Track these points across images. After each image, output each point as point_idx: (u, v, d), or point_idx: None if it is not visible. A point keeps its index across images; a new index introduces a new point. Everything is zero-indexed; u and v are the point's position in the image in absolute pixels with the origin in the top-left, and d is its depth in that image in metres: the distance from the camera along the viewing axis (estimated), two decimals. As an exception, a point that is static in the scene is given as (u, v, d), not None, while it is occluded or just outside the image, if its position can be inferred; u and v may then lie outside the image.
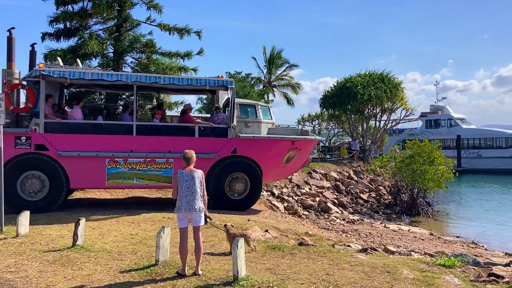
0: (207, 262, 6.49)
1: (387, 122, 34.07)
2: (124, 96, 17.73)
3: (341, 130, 39.06)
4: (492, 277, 6.24)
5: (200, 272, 5.85)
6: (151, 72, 16.79)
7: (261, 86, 39.05)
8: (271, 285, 5.48)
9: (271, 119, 13.52)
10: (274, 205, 15.69)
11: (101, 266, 6.25)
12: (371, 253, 7.63)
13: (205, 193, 5.99)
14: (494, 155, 44.55)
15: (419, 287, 5.59)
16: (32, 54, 12.14)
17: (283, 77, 40.70)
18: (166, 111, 15.18)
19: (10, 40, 11.17)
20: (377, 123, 34.30)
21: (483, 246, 14.08)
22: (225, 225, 7.37)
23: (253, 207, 12.80)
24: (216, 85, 11.66)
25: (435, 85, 56.59)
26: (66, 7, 16.83)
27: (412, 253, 9.59)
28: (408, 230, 15.51)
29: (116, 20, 17.68)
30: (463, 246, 13.64)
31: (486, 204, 24.66)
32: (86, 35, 16.70)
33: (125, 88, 12.99)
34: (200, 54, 18.32)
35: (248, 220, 10.35)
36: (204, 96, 29.29)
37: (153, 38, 17.87)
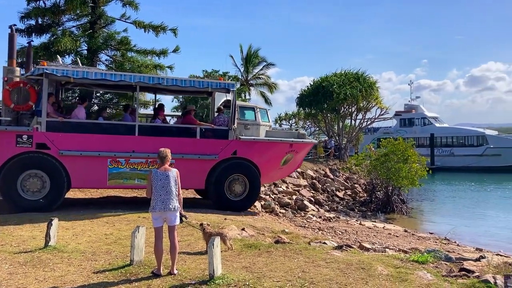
0: (183, 262, 6.45)
1: (362, 121, 34.50)
2: (98, 94, 17.46)
3: (317, 129, 39.36)
4: (463, 272, 6.40)
5: (175, 271, 5.81)
6: (126, 70, 16.58)
7: (238, 85, 39.01)
8: (247, 283, 5.48)
9: (269, 121, 13.63)
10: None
11: (74, 267, 6.13)
12: (347, 250, 7.72)
13: (181, 192, 5.95)
14: (466, 153, 45.64)
15: (393, 283, 5.67)
16: (29, 50, 11.89)
17: (260, 76, 40.75)
18: (141, 109, 15.06)
19: (11, 37, 11.00)
20: (353, 122, 34.70)
21: (455, 242, 14.40)
22: (201, 224, 7.33)
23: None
24: (218, 87, 11.81)
25: (409, 84, 57.44)
26: (38, 2, 16.48)
27: (387, 249, 9.74)
28: (383, 227, 15.73)
29: (90, 17, 17.40)
30: (436, 242, 13.91)
31: (458, 201, 25.24)
32: (59, 32, 16.38)
33: (127, 88, 12.92)
34: (176, 52, 18.20)
35: (225, 218, 10.33)
36: (180, 96, 29.11)
37: (128, 36, 17.68)
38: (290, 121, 38.95)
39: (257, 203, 15.97)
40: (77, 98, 13.95)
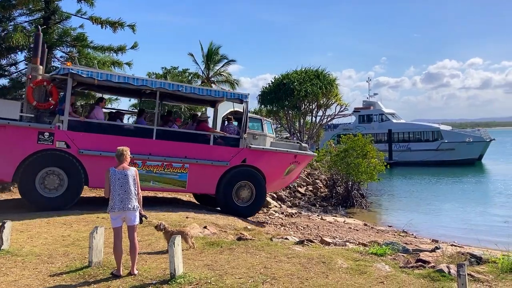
0: (144, 262, 6.35)
1: (322, 118, 35.04)
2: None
3: (279, 126, 39.65)
4: (420, 263, 6.62)
5: (135, 272, 5.72)
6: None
7: (199, 82, 38.72)
8: (209, 281, 5.47)
9: (273, 133, 14.28)
10: (213, 201, 15.62)
11: (29, 270, 5.91)
12: (308, 245, 7.83)
13: (140, 191, 5.84)
14: (422, 148, 47.21)
15: (353, 276, 5.80)
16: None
17: (221, 73, 40.61)
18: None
19: (37, 36, 11.17)
20: (313, 119, 35.17)
21: (412, 234, 14.87)
22: (160, 224, 7.12)
23: (194, 204, 12.73)
24: (232, 97, 12.31)
25: (367, 81, 58.77)
26: (-14, -4, 15.73)
27: (347, 243, 9.95)
28: (344, 222, 16.04)
29: (43, 12, 16.77)
30: (394, 235, 14.31)
31: (415, 195, 26.06)
32: (10, 27, 15.71)
33: (134, 94, 13.35)
34: (134, 49, 17.80)
35: (187, 217, 10.24)
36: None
37: (84, 32, 17.15)
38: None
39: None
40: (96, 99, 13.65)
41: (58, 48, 17.13)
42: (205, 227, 9.09)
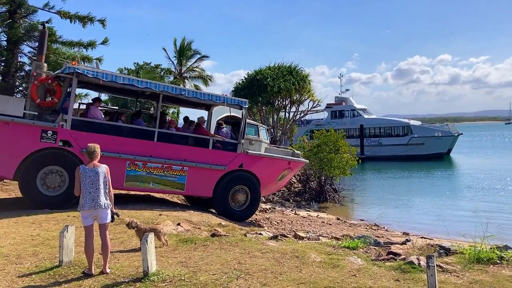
0: (116, 260, 6.26)
1: (296, 114, 35.21)
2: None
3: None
4: (391, 255, 6.75)
5: (108, 270, 5.63)
6: (50, 62, 15.74)
7: (172, 78, 38.35)
8: (183, 278, 5.44)
9: (267, 139, 14.66)
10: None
11: (-4, 272, 5.76)
12: (282, 240, 7.88)
13: (111, 188, 5.75)
14: (393, 143, 48.09)
15: (326, 269, 5.87)
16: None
17: (194, 68, 40.32)
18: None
19: (42, 34, 11.26)
20: (287, 115, 35.32)
21: (384, 227, 15.17)
22: (131, 222, 6.99)
23: (167, 201, 12.64)
24: (232, 103, 12.46)
25: (339, 77, 59.35)
26: None
27: (320, 237, 10.05)
28: (317, 216, 16.23)
29: (9, 6, 16.27)
30: (366, 228, 14.56)
31: (387, 189, 26.56)
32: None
33: (132, 94, 13.50)
34: (104, 44, 17.50)
35: (160, 214, 10.14)
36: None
37: (52, 26, 16.74)
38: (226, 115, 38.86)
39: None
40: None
41: (25, 43, 16.68)
42: (178, 224, 9.04)
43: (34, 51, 17.02)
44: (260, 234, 8.89)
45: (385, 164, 42.62)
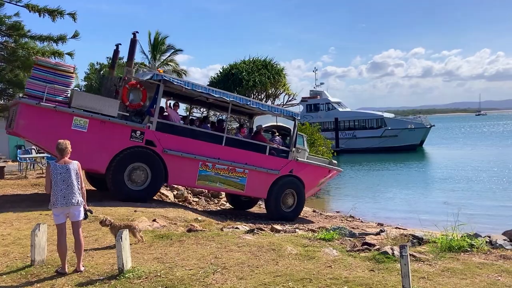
0: (90, 258, 6.17)
1: (271, 107, 35.21)
2: None
3: (229, 116, 39.48)
4: (365, 246, 6.86)
5: (82, 268, 5.54)
6: (20, 57, 15.34)
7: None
8: (159, 274, 5.40)
9: (308, 148, 16.68)
10: (163, 193, 15.40)
11: (-35, 273, 5.59)
12: (258, 233, 7.89)
13: (84, 185, 5.64)
14: (367, 135, 48.76)
15: (302, 261, 5.92)
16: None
17: (168, 62, 39.93)
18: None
19: (133, 42, 12.16)
20: (263, 108, 35.30)
21: (359, 218, 15.38)
22: (105, 219, 6.85)
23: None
24: (288, 115, 13.75)
25: (313, 71, 59.67)
26: None
27: (297, 230, 10.10)
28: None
29: (-27, -1, 15.72)
30: (342, 220, 14.75)
31: (362, 180, 26.93)
32: None
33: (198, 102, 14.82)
34: (75, 38, 17.03)
35: (135, 210, 10.01)
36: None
37: (21, 20, 16.25)
38: (202, 109, 38.62)
39: (169, 193, 15.77)
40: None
41: (-8, 38, 16.15)
42: (154, 220, 8.95)
43: (2, 45, 16.53)
44: (237, 228, 8.89)
45: (360, 156, 43.19)
